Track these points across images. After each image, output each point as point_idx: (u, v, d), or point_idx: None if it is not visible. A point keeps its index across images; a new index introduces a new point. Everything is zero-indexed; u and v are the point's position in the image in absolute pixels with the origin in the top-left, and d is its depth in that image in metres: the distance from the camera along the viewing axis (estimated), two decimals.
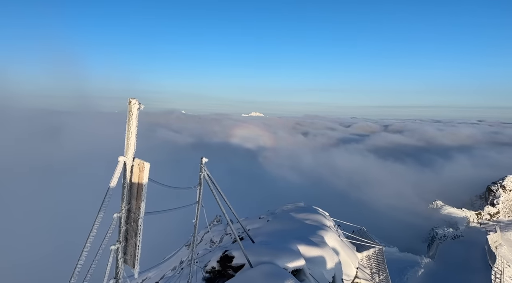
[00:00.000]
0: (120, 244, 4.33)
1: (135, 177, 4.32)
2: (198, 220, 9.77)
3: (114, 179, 4.03)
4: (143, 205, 4.27)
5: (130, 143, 4.21)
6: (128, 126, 4.19)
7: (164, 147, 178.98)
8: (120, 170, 4.17)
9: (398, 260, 36.94)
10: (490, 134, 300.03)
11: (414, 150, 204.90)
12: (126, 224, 4.35)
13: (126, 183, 4.29)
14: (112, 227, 4.15)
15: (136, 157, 4.36)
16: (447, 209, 65.69)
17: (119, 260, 4.38)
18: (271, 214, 22.43)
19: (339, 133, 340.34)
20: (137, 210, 4.29)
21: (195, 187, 9.45)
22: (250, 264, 9.52)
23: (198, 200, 9.66)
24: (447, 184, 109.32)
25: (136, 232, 4.30)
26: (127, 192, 4.31)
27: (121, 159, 4.20)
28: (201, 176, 9.54)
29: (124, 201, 4.29)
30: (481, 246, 40.48)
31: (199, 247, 27.17)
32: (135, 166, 4.32)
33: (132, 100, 4.13)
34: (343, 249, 14.53)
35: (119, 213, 4.28)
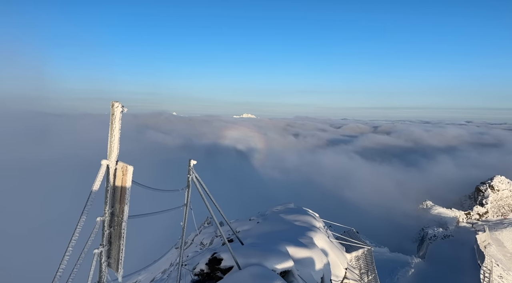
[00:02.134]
0: (104, 248, 4.30)
1: (119, 181, 4.28)
2: (187, 222, 9.73)
3: (97, 183, 4.00)
4: (127, 208, 4.24)
5: (113, 146, 4.18)
6: (111, 129, 4.15)
7: (153, 149, 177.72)
8: (103, 173, 4.13)
9: (389, 260, 37.21)
10: (477, 135, 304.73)
11: (402, 151, 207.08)
12: (109, 227, 4.31)
13: (109, 186, 4.25)
14: (95, 230, 4.12)
15: (120, 161, 4.33)
16: (437, 209, 66.45)
17: (102, 264, 4.34)
18: (261, 216, 22.43)
19: (330, 134, 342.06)
20: (120, 214, 4.26)
21: (183, 190, 9.41)
22: (238, 266, 9.50)
23: (186, 203, 9.62)
24: (436, 184, 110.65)
25: (119, 235, 4.27)
26: (110, 196, 4.27)
27: (104, 163, 4.17)
28: (189, 179, 9.50)
29: (107, 205, 4.26)
30: (471, 246, 41.01)
31: (189, 250, 27.04)
32: (119, 170, 4.28)
33: (115, 103, 4.09)
34: (332, 250, 14.60)
35: (103, 216, 4.24)
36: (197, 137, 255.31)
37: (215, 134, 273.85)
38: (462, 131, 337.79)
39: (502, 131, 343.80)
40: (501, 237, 50.63)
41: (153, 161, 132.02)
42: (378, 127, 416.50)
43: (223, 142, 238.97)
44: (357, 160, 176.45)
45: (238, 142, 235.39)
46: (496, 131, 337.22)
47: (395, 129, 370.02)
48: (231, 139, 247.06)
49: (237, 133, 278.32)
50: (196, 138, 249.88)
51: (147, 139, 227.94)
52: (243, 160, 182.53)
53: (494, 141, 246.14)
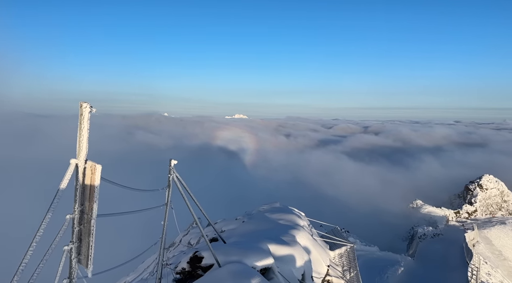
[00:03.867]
0: (74, 245, 4.44)
1: (88, 179, 4.43)
2: (167, 222, 9.87)
3: (65, 181, 4.14)
4: (96, 206, 4.39)
5: (82, 145, 4.32)
6: (80, 129, 4.30)
7: (142, 149, 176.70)
8: (71, 172, 4.28)
9: (379, 259, 37.61)
10: (465, 134, 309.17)
11: (391, 151, 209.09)
12: (79, 225, 4.46)
13: (78, 185, 4.40)
14: (64, 228, 4.26)
15: (89, 160, 4.47)
16: (427, 208, 67.34)
17: (72, 260, 4.48)
18: (247, 215, 22.61)
19: (321, 134, 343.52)
20: (89, 212, 4.41)
21: (163, 189, 9.55)
22: (218, 264, 9.67)
23: (167, 202, 9.76)
24: (426, 183, 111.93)
25: (89, 232, 4.42)
26: (79, 194, 4.42)
27: (72, 162, 4.31)
28: (170, 178, 9.65)
29: (77, 203, 4.41)
30: (460, 244, 41.59)
31: (177, 250, 27.07)
32: (88, 168, 4.43)
33: (83, 104, 4.24)
34: (314, 248, 14.85)
35: (72, 214, 4.39)
36: (188, 138, 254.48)
37: (206, 135, 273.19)
38: (451, 131, 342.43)
39: (490, 130, 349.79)
40: (490, 235, 51.52)
41: (142, 162, 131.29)
42: (369, 127, 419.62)
43: (214, 142, 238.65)
44: (347, 160, 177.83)
45: (229, 143, 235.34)
46: (484, 131, 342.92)
47: (384, 129, 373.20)
48: (222, 140, 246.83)
49: (228, 134, 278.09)
50: (187, 139, 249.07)
51: (137, 140, 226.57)
52: (233, 160, 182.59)
53: (482, 141, 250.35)
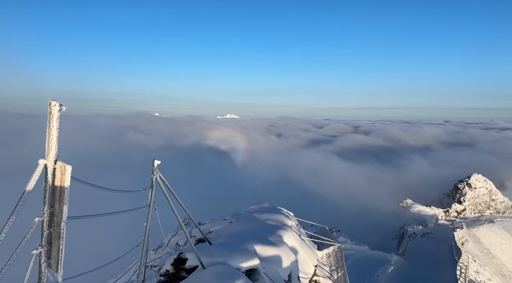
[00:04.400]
0: (43, 248, 4.27)
1: (57, 180, 4.27)
2: (150, 223, 9.72)
3: (31, 182, 3.97)
4: (66, 208, 4.22)
5: (51, 145, 4.16)
6: (49, 129, 4.13)
7: (132, 150, 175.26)
8: (39, 173, 4.11)
9: (369, 258, 37.75)
10: (454, 134, 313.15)
11: (381, 151, 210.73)
12: (49, 228, 4.30)
13: (47, 186, 4.23)
14: (32, 231, 4.09)
15: (59, 160, 4.31)
16: (417, 207, 67.91)
17: (42, 264, 4.31)
18: (236, 216, 22.49)
19: (312, 134, 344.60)
20: (59, 214, 4.24)
21: (146, 190, 9.39)
22: (202, 265, 9.54)
23: (150, 203, 9.61)
24: (416, 183, 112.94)
25: (59, 236, 4.25)
26: (49, 196, 4.25)
27: (41, 162, 4.14)
28: (153, 179, 9.50)
29: (46, 205, 4.24)
30: (449, 243, 41.89)
31: (164, 251, 26.87)
32: (57, 169, 4.27)
33: (52, 102, 4.08)
34: (302, 248, 14.80)
35: (41, 217, 4.22)
36: (179, 138, 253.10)
37: (197, 135, 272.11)
38: (440, 130, 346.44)
39: (478, 130, 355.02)
40: (478, 234, 52.11)
41: (131, 162, 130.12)
42: (359, 127, 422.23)
43: (204, 142, 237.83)
44: (337, 160, 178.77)
45: (220, 143, 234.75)
46: (472, 131, 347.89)
47: (374, 129, 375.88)
48: (213, 140, 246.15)
49: (219, 134, 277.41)
50: (178, 139, 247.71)
51: (127, 140, 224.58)
52: (223, 160, 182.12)
53: (470, 140, 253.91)
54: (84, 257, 32.02)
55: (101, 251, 34.76)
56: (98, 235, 61.80)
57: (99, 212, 6.77)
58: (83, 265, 8.05)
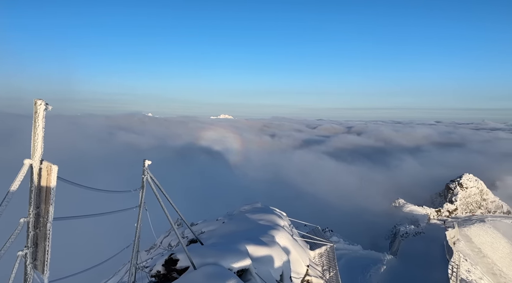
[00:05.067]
0: (29, 250, 4.19)
1: (43, 181, 4.19)
2: (141, 224, 9.63)
3: (16, 183, 3.90)
4: (52, 209, 4.15)
5: (37, 145, 4.08)
6: (34, 128, 4.06)
7: (124, 150, 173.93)
8: (24, 173, 4.03)
9: (362, 257, 37.85)
10: (445, 134, 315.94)
11: (373, 151, 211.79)
12: (35, 229, 4.22)
13: (33, 186, 4.15)
14: (17, 232, 4.01)
15: (45, 160, 4.23)
16: (409, 207, 68.29)
17: (28, 266, 4.23)
18: (228, 216, 22.43)
19: (305, 134, 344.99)
20: (45, 215, 4.16)
21: (136, 190, 9.31)
22: (193, 266, 9.49)
23: (140, 204, 9.53)
24: (408, 183, 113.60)
25: (45, 237, 4.17)
26: (34, 196, 4.17)
27: (26, 162, 4.07)
28: (143, 179, 9.42)
29: (32, 205, 4.16)
30: (441, 242, 42.11)
31: (157, 252, 26.67)
32: (43, 169, 4.19)
33: (37, 101, 4.01)
34: (294, 248, 14.80)
35: (27, 217, 4.15)
36: (171, 138, 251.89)
37: (190, 135, 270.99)
38: (431, 130, 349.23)
39: (469, 130, 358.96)
40: (470, 233, 52.48)
41: (123, 163, 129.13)
42: (352, 128, 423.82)
43: (197, 143, 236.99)
44: (329, 160, 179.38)
45: (213, 143, 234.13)
46: (463, 131, 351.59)
47: (366, 129, 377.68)
48: (206, 140, 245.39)
49: (212, 134, 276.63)
50: (170, 139, 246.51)
51: (118, 140, 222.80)
52: (216, 160, 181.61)
53: (461, 141, 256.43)
54: (75, 258, 31.69)
55: (91, 252, 34.39)
56: (89, 236, 61.18)
57: (89, 212, 6.69)
58: (73, 266, 7.95)
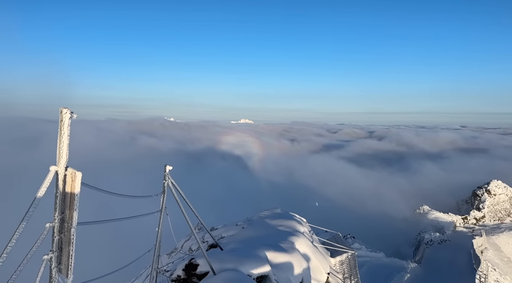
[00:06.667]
0: (54, 254, 4.32)
1: (68, 187, 4.32)
2: (162, 228, 9.76)
3: (42, 189, 4.03)
4: (76, 214, 4.27)
5: (62, 152, 4.22)
6: (60, 136, 4.19)
7: (146, 154, 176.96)
8: (50, 179, 4.17)
9: (385, 265, 37.08)
10: (471, 139, 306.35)
11: (396, 156, 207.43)
12: (59, 233, 4.34)
13: (58, 192, 4.29)
14: (43, 236, 4.14)
15: (70, 167, 4.36)
16: (434, 213, 66.31)
17: (52, 270, 4.36)
18: (248, 221, 22.42)
19: (325, 139, 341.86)
20: (70, 220, 4.29)
21: (157, 195, 9.45)
22: (213, 272, 9.52)
23: (161, 209, 9.66)
24: (432, 189, 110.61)
25: (69, 241, 4.30)
26: (59, 202, 4.31)
27: (52, 169, 4.21)
28: (164, 184, 9.56)
29: (57, 211, 4.29)
30: (467, 251, 40.84)
31: (177, 256, 26.90)
32: (68, 176, 4.32)
33: (63, 110, 4.15)
34: (314, 255, 14.62)
35: (52, 222, 4.27)
36: (191, 143, 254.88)
37: (210, 140, 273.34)
38: (456, 135, 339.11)
39: (496, 135, 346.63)
40: (498, 242, 50.54)
41: (144, 167, 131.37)
42: (374, 132, 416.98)
43: (217, 147, 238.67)
44: (350, 165, 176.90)
45: (232, 148, 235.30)
46: (489, 136, 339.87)
47: (389, 134, 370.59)
48: (225, 145, 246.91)
49: (232, 139, 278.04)
50: (190, 144, 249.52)
51: (140, 145, 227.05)
52: (234, 165, 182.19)
53: (487, 146, 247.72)
54: (96, 262, 32.34)
55: (112, 256, 35.04)
56: (110, 239, 62.38)
57: (109, 217, 6.84)
58: (95, 270, 8.12)
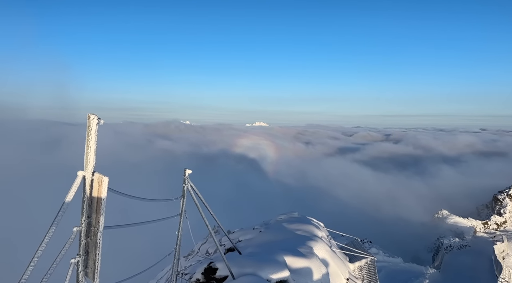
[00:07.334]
0: (81, 257, 4.37)
1: (95, 191, 4.37)
2: (182, 231, 9.79)
3: (71, 193, 4.09)
4: (102, 219, 4.32)
5: (90, 157, 4.27)
6: (88, 141, 4.25)
7: (161, 157, 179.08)
8: (78, 184, 4.23)
9: (403, 270, 36.53)
10: (491, 142, 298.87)
11: (411, 159, 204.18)
12: (86, 237, 4.40)
13: (85, 197, 4.34)
14: (70, 240, 4.20)
15: (96, 172, 4.41)
16: (453, 218, 64.83)
17: (79, 273, 4.41)
18: (265, 225, 22.32)
19: (340, 142, 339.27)
20: (96, 224, 4.34)
21: (177, 199, 9.49)
22: (232, 276, 9.49)
23: (181, 212, 9.69)
24: (451, 193, 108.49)
25: (96, 245, 4.35)
26: (86, 206, 4.36)
27: (80, 174, 4.27)
28: (184, 188, 9.59)
29: (84, 215, 4.35)
30: (488, 256, 39.94)
31: (194, 259, 27.00)
32: (95, 180, 4.38)
33: (91, 116, 4.21)
34: (333, 260, 14.43)
35: (79, 227, 4.33)
36: (206, 145, 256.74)
37: (225, 143, 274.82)
38: (476, 139, 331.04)
39: None
40: None
41: (160, 170, 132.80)
42: (390, 135, 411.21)
43: (231, 150, 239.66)
44: (363, 168, 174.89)
45: (247, 150, 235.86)
46: (510, 139, 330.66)
47: (406, 137, 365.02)
48: (240, 147, 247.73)
49: (246, 141, 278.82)
50: (205, 146, 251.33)
51: (156, 147, 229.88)
52: (249, 168, 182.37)
53: (508, 149, 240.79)
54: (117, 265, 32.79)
55: (132, 259, 35.44)
56: (128, 243, 63.18)
57: (126, 221, 6.90)
58: (117, 273, 8.20)
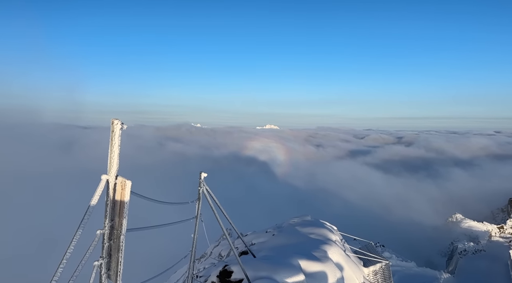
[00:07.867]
0: (104, 260, 4.43)
1: (118, 195, 4.44)
2: (197, 234, 9.82)
3: (96, 197, 4.16)
4: (125, 222, 4.38)
5: (113, 161, 4.35)
6: (111, 146, 4.33)
7: (172, 160, 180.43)
8: (102, 187, 4.30)
9: (416, 275, 36.12)
10: (506, 145, 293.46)
11: (422, 162, 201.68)
12: (109, 240, 4.46)
13: (109, 200, 4.41)
14: (94, 243, 4.26)
15: (119, 175, 4.48)
16: (467, 222, 63.88)
17: (102, 276, 4.47)
18: (278, 228, 22.26)
19: (352, 145, 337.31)
20: (119, 227, 4.40)
21: (193, 202, 9.53)
22: (248, 279, 9.49)
23: (197, 215, 9.73)
24: (465, 197, 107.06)
25: (118, 248, 4.41)
26: (109, 210, 4.43)
27: (103, 178, 4.34)
28: (200, 191, 9.63)
29: (107, 218, 4.42)
30: (504, 261, 39.42)
31: (207, 261, 27.09)
32: (118, 184, 4.45)
33: (114, 121, 4.28)
34: (347, 264, 14.30)
35: (102, 229, 4.39)
36: (217, 148, 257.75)
37: (235, 145, 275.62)
38: (490, 141, 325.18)
39: None
40: None
41: (173, 173, 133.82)
42: (402, 138, 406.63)
43: (241, 153, 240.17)
44: (374, 171, 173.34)
45: (257, 153, 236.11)
46: None
47: (418, 139, 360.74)
48: (250, 150, 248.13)
49: (256, 144, 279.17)
50: (216, 149, 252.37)
51: (167, 150, 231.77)
52: (259, 170, 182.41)
53: None
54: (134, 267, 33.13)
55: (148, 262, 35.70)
56: (139, 245, 63.71)
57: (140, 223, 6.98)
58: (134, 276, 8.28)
